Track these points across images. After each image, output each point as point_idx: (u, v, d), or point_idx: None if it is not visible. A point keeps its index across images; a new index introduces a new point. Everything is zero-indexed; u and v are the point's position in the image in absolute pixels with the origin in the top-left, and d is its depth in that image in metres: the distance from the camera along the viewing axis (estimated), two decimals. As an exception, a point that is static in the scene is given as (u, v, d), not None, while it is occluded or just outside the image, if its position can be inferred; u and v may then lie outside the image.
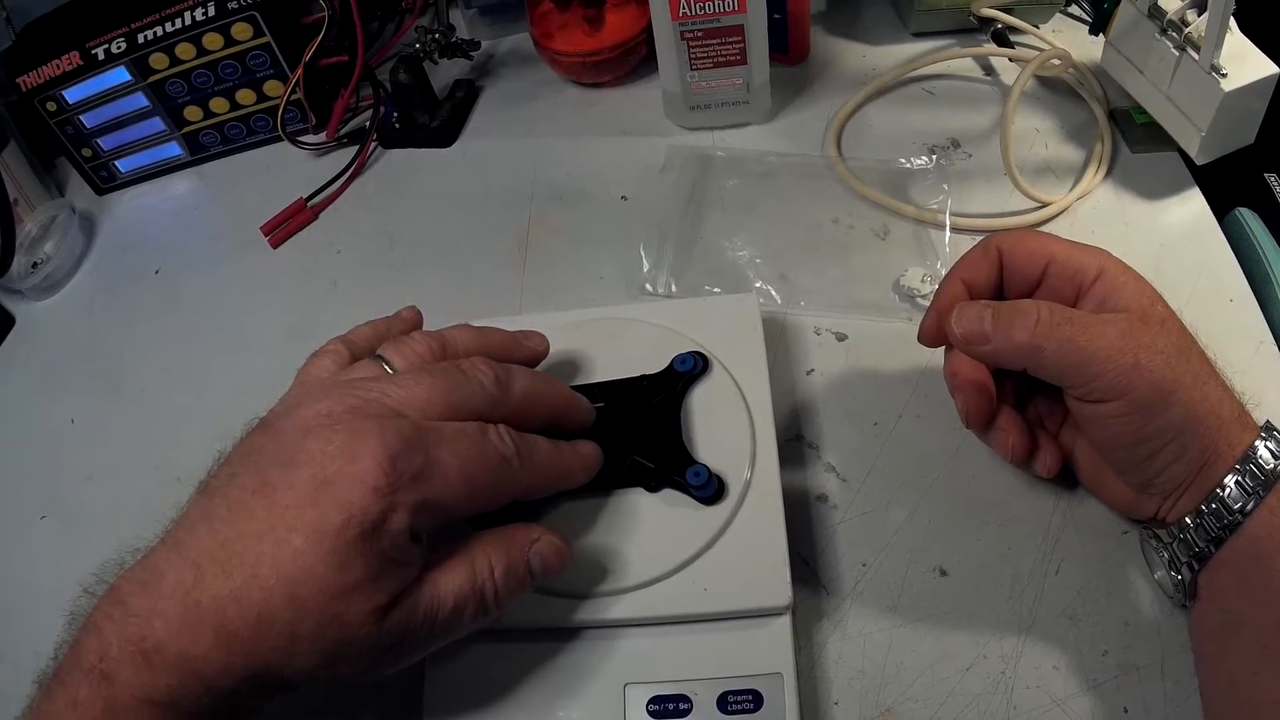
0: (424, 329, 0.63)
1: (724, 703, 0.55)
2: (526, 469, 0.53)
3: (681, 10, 0.83)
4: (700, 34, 0.85)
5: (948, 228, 0.80)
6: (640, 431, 0.63)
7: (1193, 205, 0.80)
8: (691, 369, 0.65)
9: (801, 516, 0.66)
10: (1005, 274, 0.61)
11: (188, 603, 0.45)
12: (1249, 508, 0.51)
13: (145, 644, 0.44)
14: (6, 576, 0.77)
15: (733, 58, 0.87)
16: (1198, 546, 0.53)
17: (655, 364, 0.66)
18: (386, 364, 0.55)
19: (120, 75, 0.98)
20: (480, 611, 0.51)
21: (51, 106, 0.98)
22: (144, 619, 0.45)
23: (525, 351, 0.62)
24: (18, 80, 0.97)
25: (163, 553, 0.47)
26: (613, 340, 0.69)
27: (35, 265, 0.97)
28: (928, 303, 0.64)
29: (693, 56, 0.87)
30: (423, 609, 0.49)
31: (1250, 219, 0.78)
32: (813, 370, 0.74)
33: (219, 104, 1.02)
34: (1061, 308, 0.56)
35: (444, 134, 1.00)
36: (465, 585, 0.51)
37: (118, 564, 0.48)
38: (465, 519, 0.55)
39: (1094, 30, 0.87)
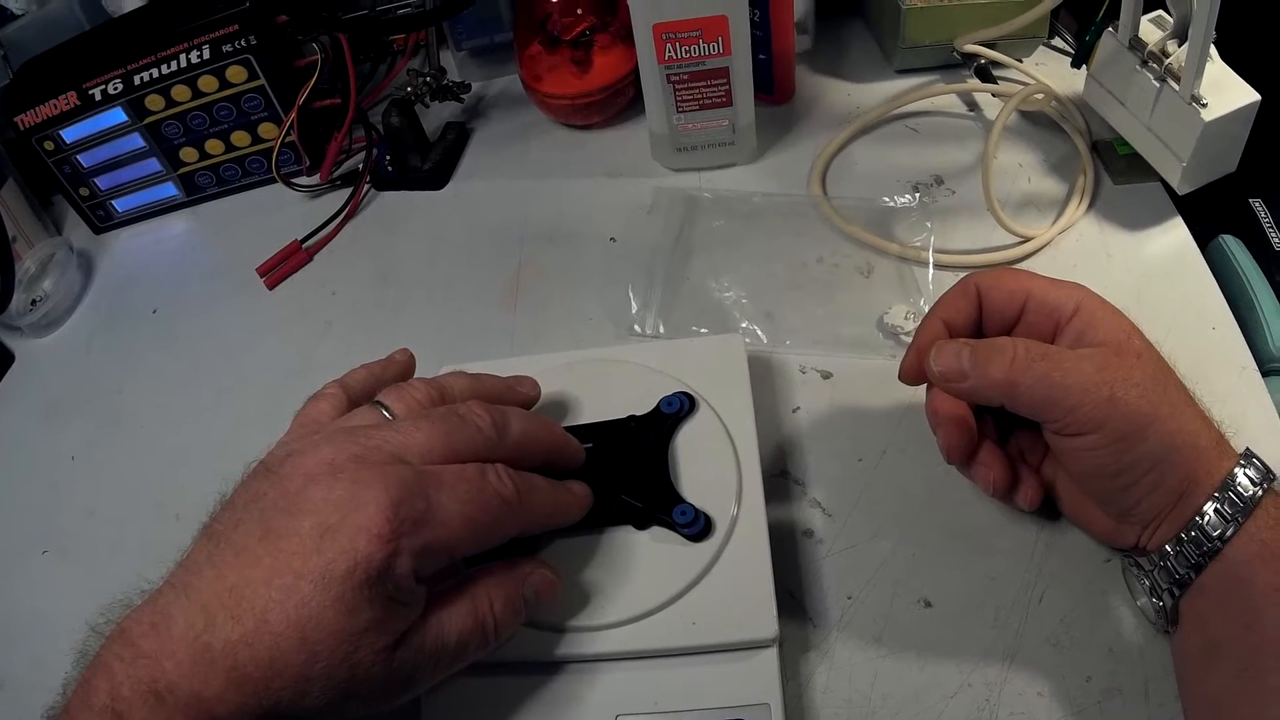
0: (418, 373, 0.64)
1: (713, 733, 0.56)
2: (525, 508, 0.54)
3: (667, 53, 0.84)
4: (686, 76, 0.86)
5: (931, 265, 0.81)
6: (628, 472, 0.64)
7: (1175, 235, 0.81)
8: (678, 410, 0.66)
9: (788, 551, 0.67)
10: (984, 312, 0.62)
11: (198, 646, 0.45)
12: (1228, 534, 0.52)
13: (157, 685, 0.45)
14: (9, 609, 0.77)
15: (718, 99, 0.88)
16: (1178, 573, 0.54)
17: (643, 404, 0.67)
18: (386, 410, 0.56)
19: (117, 116, 0.99)
20: (482, 644, 0.53)
21: (49, 145, 1.00)
22: (154, 660, 0.45)
23: (518, 397, 0.64)
24: (15, 119, 0.98)
25: (171, 595, 0.48)
26: (601, 381, 0.70)
27: (34, 303, 0.98)
28: (910, 340, 0.65)
29: (679, 99, 0.88)
30: (429, 645, 0.50)
31: (1234, 245, 0.79)
32: (798, 408, 0.75)
33: (214, 145, 1.03)
34: (1037, 344, 0.57)
35: (436, 176, 1.01)
36: (468, 620, 0.52)
37: (124, 604, 0.49)
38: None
39: (1076, 63, 0.89)
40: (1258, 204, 0.83)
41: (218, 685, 0.45)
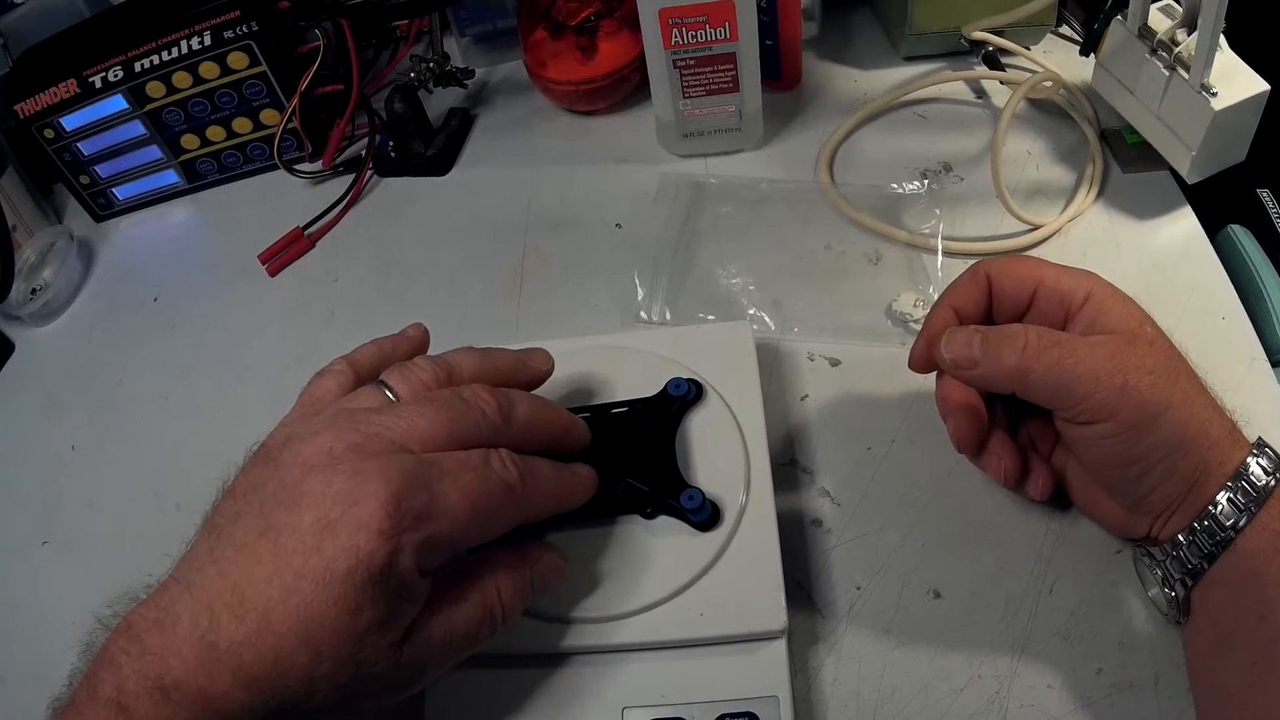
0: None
1: (721, 726, 0.55)
2: (530, 494, 0.53)
3: (674, 39, 0.83)
4: (692, 62, 0.85)
5: (940, 252, 0.80)
6: (634, 455, 0.63)
7: (1184, 224, 0.80)
8: (685, 393, 0.65)
9: (796, 541, 0.66)
10: (994, 299, 0.62)
11: (204, 645, 0.45)
12: (1241, 524, 0.52)
13: (163, 681, 0.44)
14: (9, 601, 0.77)
15: (725, 85, 0.87)
16: (1191, 564, 0.54)
17: (649, 391, 0.66)
18: (390, 391, 0.54)
19: (117, 103, 0.98)
20: (489, 632, 0.52)
21: (49, 133, 0.99)
22: (160, 656, 0.45)
23: (529, 372, 0.62)
24: (15, 107, 0.97)
25: (175, 591, 0.47)
26: (607, 368, 0.69)
27: (34, 292, 0.97)
28: (920, 327, 0.65)
29: (685, 84, 0.87)
30: (437, 637, 0.50)
31: (1242, 236, 0.78)
32: (806, 396, 0.74)
33: (215, 132, 1.02)
34: (1049, 331, 0.56)
35: (439, 162, 1.00)
36: (475, 609, 0.51)
37: (130, 597, 0.48)
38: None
39: (1084, 51, 0.88)
40: (1266, 194, 0.83)
41: (224, 683, 0.45)
